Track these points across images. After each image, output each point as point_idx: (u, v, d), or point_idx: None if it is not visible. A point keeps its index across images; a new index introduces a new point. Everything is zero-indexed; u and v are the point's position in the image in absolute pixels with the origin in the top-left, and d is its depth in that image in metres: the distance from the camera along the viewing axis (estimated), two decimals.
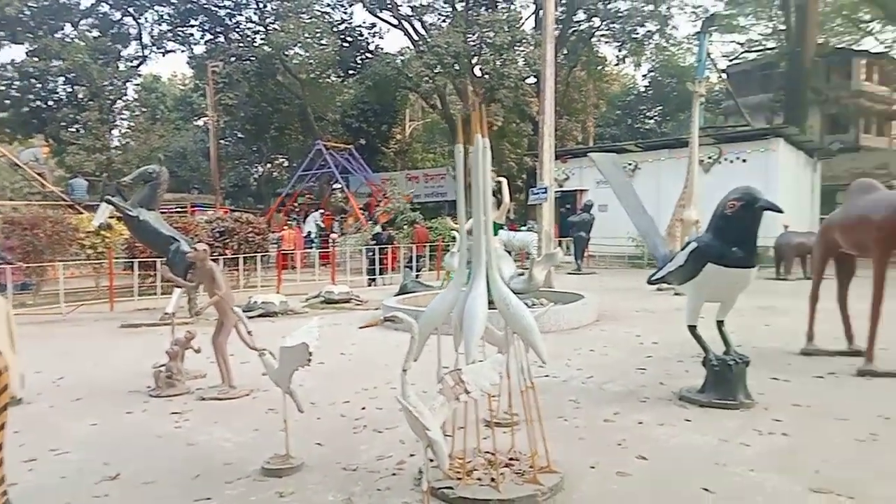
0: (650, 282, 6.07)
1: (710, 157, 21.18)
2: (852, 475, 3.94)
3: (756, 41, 40.24)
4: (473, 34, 28.04)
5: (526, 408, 3.98)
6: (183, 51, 34.42)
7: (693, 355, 6.67)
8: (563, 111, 32.76)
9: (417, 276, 14.95)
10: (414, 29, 32.73)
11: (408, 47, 34.34)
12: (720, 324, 5.58)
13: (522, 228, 21.74)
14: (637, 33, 31.78)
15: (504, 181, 9.28)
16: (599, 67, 36.49)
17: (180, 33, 33.68)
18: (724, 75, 36.31)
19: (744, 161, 20.74)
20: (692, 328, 5.59)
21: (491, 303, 3.76)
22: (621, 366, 6.99)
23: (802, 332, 7.56)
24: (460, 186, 4.12)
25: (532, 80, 29.51)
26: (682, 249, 5.42)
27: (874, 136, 38.98)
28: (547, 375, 6.58)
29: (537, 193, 12.85)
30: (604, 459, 4.25)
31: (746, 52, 41.09)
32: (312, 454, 4.43)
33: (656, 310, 11.08)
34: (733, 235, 5.03)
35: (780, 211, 4.81)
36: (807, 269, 14.59)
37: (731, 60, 41.67)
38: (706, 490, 3.77)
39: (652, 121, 44.32)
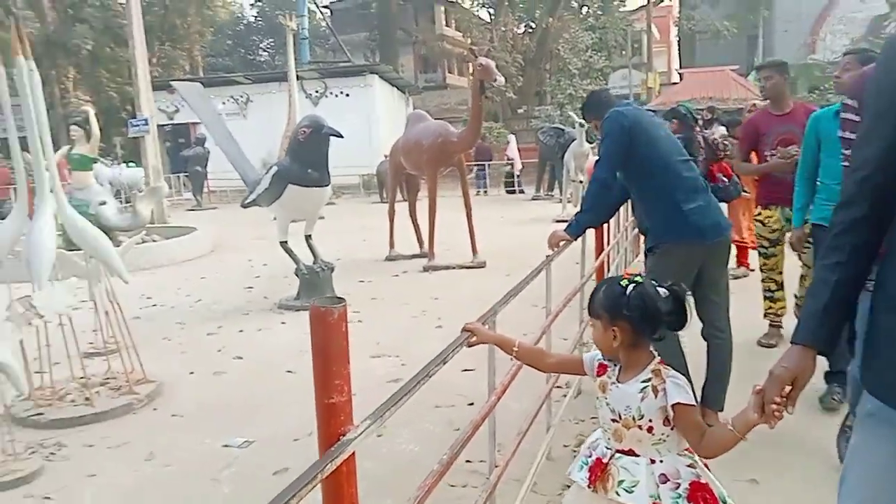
0: (243, 205, 6.54)
1: (317, 91, 22.35)
2: (401, 342, 5.10)
3: None
4: None
5: (116, 331, 4.15)
6: None
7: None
8: (164, 37, 30.55)
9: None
10: None
11: None
12: (308, 238, 6.38)
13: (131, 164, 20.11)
14: None
15: (91, 110, 8.62)
16: None
17: None
18: (327, 11, 37.90)
19: (347, 95, 22.41)
20: (283, 244, 6.28)
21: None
22: (230, 287, 7.44)
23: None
24: (28, 116, 3.90)
25: None
26: (266, 174, 5.99)
27: (457, 76, 45.32)
28: (155, 305, 6.71)
29: (137, 125, 12.19)
30: (202, 366, 4.69)
31: None
32: None
33: (269, 236, 11.73)
34: (308, 158, 5.78)
35: (340, 136, 5.66)
36: (404, 192, 16.91)
37: None
38: (290, 372, 4.50)
39: (266, 53, 44.01)
